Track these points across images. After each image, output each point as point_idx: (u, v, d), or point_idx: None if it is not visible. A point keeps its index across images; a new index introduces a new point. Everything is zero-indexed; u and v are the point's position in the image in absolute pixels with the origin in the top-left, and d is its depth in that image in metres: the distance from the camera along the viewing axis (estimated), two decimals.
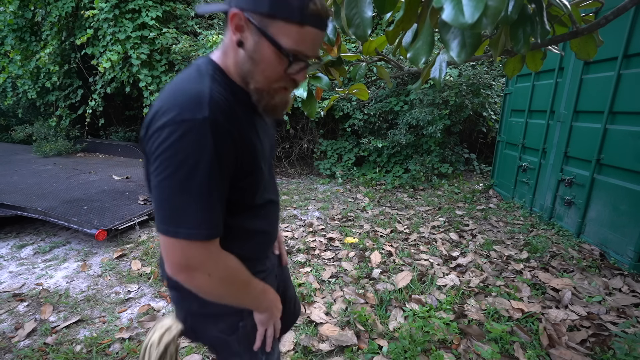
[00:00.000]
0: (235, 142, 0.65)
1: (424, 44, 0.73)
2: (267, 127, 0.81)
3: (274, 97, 0.70)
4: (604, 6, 0.87)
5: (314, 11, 0.62)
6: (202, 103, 0.61)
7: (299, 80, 0.70)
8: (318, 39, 0.66)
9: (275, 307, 0.85)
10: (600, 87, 2.81)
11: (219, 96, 0.64)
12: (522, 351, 1.75)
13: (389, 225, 3.49)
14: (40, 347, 1.83)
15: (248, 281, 0.76)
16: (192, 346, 1.84)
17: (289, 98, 0.74)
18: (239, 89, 0.70)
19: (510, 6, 0.63)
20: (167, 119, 0.60)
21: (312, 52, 0.67)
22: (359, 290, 2.33)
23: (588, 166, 2.91)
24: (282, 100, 0.72)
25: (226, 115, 0.63)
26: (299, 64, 0.67)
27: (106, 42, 4.64)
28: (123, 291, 2.36)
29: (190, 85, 0.64)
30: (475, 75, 4.79)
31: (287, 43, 0.63)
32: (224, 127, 0.62)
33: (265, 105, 0.71)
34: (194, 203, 0.61)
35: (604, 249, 2.72)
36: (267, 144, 0.79)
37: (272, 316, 0.84)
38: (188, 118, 0.60)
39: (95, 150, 5.98)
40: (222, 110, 0.63)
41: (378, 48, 1.17)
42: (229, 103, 0.66)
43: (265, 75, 0.67)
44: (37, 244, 3.08)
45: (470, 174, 5.49)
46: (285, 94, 0.72)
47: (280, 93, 0.71)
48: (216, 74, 0.68)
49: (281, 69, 0.67)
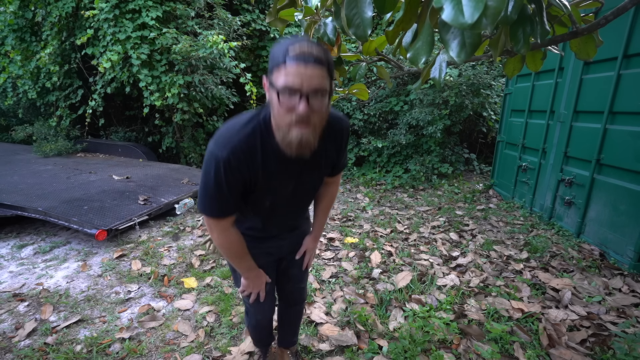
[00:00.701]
0: (242, 174, 0.95)
1: (424, 44, 0.73)
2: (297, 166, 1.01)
3: (289, 134, 0.87)
4: (603, 6, 0.87)
5: (292, 51, 0.80)
6: (227, 146, 0.92)
7: (300, 113, 0.82)
8: (300, 71, 0.80)
9: (254, 282, 1.23)
10: (600, 87, 2.81)
11: (244, 145, 0.93)
12: (522, 351, 1.75)
13: (389, 225, 3.49)
14: (41, 347, 1.83)
15: (241, 255, 1.14)
16: (193, 346, 1.85)
17: (306, 138, 0.87)
18: (274, 141, 0.94)
19: (510, 6, 0.63)
20: (209, 148, 0.95)
21: (298, 83, 0.80)
22: (359, 290, 2.33)
23: (588, 166, 2.91)
24: (297, 137, 0.86)
25: (239, 159, 0.92)
26: (289, 95, 0.82)
27: (106, 42, 4.64)
28: (123, 291, 2.36)
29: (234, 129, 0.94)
30: (475, 75, 4.79)
31: (277, 83, 0.82)
32: (234, 165, 0.93)
33: (283, 141, 0.90)
34: (207, 197, 1.00)
35: (604, 249, 2.72)
36: (283, 174, 1.02)
37: (251, 285, 1.24)
38: (215, 152, 0.93)
39: (95, 150, 5.97)
40: (238, 155, 0.92)
41: (378, 48, 1.17)
42: (252, 150, 0.94)
43: (275, 114, 0.88)
44: (37, 244, 3.08)
45: (470, 174, 5.49)
46: (298, 131, 0.85)
47: (292, 130, 0.86)
48: (262, 125, 0.95)
49: (280, 105, 0.83)
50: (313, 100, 0.83)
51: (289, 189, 1.07)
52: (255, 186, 1.00)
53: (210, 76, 4.90)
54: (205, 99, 4.94)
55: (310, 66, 0.80)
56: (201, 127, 5.57)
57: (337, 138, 1.08)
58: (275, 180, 1.01)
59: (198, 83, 4.68)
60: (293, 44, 0.81)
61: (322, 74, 0.82)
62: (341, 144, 1.10)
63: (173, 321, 2.06)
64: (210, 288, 2.39)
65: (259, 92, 5.57)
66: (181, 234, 3.32)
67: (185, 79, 4.58)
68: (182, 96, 4.66)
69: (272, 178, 1.00)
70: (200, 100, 4.88)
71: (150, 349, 1.84)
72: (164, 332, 1.97)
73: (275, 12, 1.15)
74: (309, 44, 0.82)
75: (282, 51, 0.81)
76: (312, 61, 0.80)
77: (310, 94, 0.82)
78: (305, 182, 1.09)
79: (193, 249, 2.96)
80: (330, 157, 1.10)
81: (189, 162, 5.58)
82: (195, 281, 2.45)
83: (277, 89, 0.82)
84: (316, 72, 0.81)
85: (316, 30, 1.06)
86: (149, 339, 1.91)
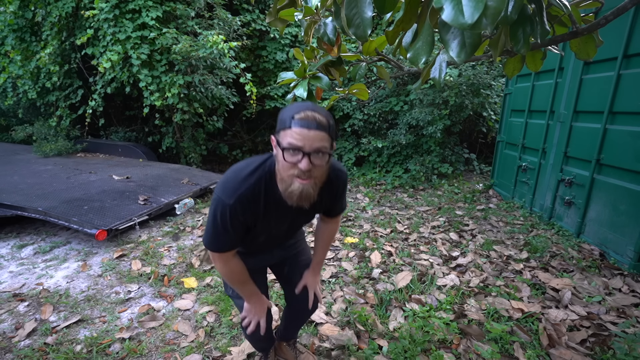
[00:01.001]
0: (245, 218, 1.07)
1: (424, 44, 0.73)
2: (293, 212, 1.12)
3: (290, 185, 0.97)
4: (603, 6, 0.87)
5: (297, 117, 0.91)
6: (234, 195, 1.03)
7: (303, 168, 0.92)
8: (304, 134, 0.91)
9: (255, 308, 1.30)
10: (600, 87, 2.81)
11: (249, 193, 1.04)
12: (522, 351, 1.75)
13: (389, 225, 3.49)
14: (41, 347, 1.83)
15: (242, 281, 1.23)
16: (193, 346, 1.85)
17: (306, 190, 0.97)
18: (277, 191, 1.05)
19: (510, 6, 0.63)
20: (216, 192, 1.06)
21: (302, 144, 0.91)
22: (359, 290, 2.33)
23: (588, 166, 2.91)
24: (298, 189, 0.96)
25: (244, 205, 1.04)
26: (293, 153, 0.92)
27: (106, 42, 4.64)
28: (123, 291, 2.36)
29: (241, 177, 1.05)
30: (475, 75, 4.79)
31: (283, 142, 0.93)
32: (239, 211, 1.04)
33: (285, 191, 1.00)
34: (213, 235, 1.10)
35: (604, 249, 2.72)
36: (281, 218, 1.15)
37: (253, 311, 1.30)
38: (222, 198, 1.04)
39: (95, 150, 5.97)
40: (243, 202, 1.03)
41: (378, 48, 1.17)
42: (256, 198, 1.05)
43: (279, 168, 0.99)
44: (37, 244, 3.08)
45: (470, 174, 5.49)
46: (299, 184, 0.95)
47: (294, 182, 0.96)
48: (266, 175, 1.06)
49: (285, 160, 0.94)
50: (314, 158, 0.93)
51: (284, 228, 1.21)
52: (254, 227, 1.12)
53: (210, 76, 4.90)
54: (205, 99, 4.94)
55: (313, 131, 0.91)
56: (201, 127, 5.57)
57: (334, 188, 1.17)
58: (273, 221, 1.14)
59: (198, 83, 4.68)
60: (299, 111, 0.92)
61: (323, 137, 0.92)
62: (337, 193, 1.20)
63: (173, 321, 2.06)
64: (210, 288, 2.39)
65: (259, 92, 5.57)
66: (181, 234, 3.32)
67: (185, 79, 4.58)
68: (182, 96, 4.66)
69: (270, 221, 1.13)
70: (200, 100, 4.88)
71: (150, 349, 1.84)
72: (164, 332, 1.97)
73: (275, 12, 1.15)
74: (312, 110, 0.92)
75: (289, 116, 0.92)
76: (314, 127, 0.91)
77: (312, 153, 0.92)
78: (298, 222, 1.25)
79: (193, 249, 2.96)
80: (325, 204, 1.21)
81: (189, 162, 5.58)
82: (195, 281, 2.45)
83: (283, 146, 0.93)
84: (318, 136, 0.91)
85: (316, 30, 1.06)
86: (149, 339, 1.91)
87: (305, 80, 1.18)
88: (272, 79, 5.70)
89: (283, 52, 5.56)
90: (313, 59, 1.27)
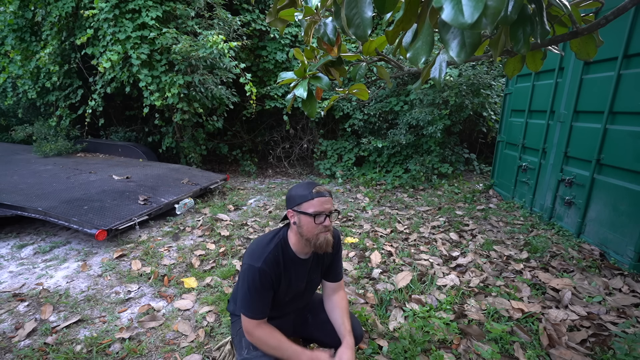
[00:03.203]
0: (272, 280, 1.30)
1: (423, 44, 0.73)
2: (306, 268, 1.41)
3: (318, 239, 1.28)
4: (604, 6, 0.87)
5: (316, 191, 1.27)
6: (261, 258, 1.29)
7: (327, 225, 1.27)
8: (322, 200, 1.27)
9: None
10: (600, 87, 2.81)
11: (271, 256, 1.30)
12: (522, 351, 1.75)
13: (389, 225, 3.49)
14: (41, 347, 1.83)
15: (277, 346, 1.29)
16: (193, 346, 1.85)
17: (329, 239, 1.29)
18: (291, 251, 1.36)
19: (510, 6, 0.62)
20: (245, 261, 1.32)
21: (323, 208, 1.26)
22: (359, 290, 2.33)
23: (588, 166, 2.91)
24: (325, 240, 1.28)
25: (271, 267, 1.29)
26: (320, 216, 1.26)
27: (106, 42, 4.64)
28: (123, 291, 2.36)
29: (263, 245, 1.34)
30: (475, 75, 4.79)
31: (309, 210, 1.26)
32: (267, 273, 1.28)
33: (314, 245, 1.29)
34: (250, 302, 1.29)
35: (604, 249, 2.72)
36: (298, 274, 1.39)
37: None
38: (252, 264, 1.28)
39: (95, 150, 5.97)
40: (269, 264, 1.29)
41: (378, 48, 1.16)
42: (277, 259, 1.31)
43: (306, 230, 1.28)
44: (37, 244, 3.08)
45: (470, 174, 5.49)
46: (325, 236, 1.28)
47: (321, 236, 1.27)
48: (282, 242, 1.35)
49: (313, 223, 1.26)
50: (331, 216, 1.29)
51: (302, 286, 1.43)
52: (279, 286, 1.34)
53: (210, 76, 4.90)
54: (205, 99, 4.94)
55: (326, 198, 1.28)
56: (201, 127, 5.57)
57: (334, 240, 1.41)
58: (293, 279, 1.37)
59: (198, 83, 4.68)
60: (313, 187, 1.27)
61: (331, 201, 1.31)
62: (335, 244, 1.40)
63: (173, 321, 2.06)
64: (210, 288, 2.39)
65: (259, 92, 5.57)
66: (181, 234, 3.32)
67: (185, 79, 4.57)
68: (182, 96, 4.66)
69: (290, 278, 1.36)
70: (200, 100, 4.88)
71: (150, 349, 1.84)
72: (164, 332, 1.97)
73: (275, 12, 1.15)
74: (319, 184, 1.30)
75: (308, 191, 1.27)
76: (327, 195, 1.29)
77: (329, 213, 1.28)
78: (312, 279, 1.47)
79: (193, 249, 2.96)
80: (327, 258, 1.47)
81: (189, 162, 5.58)
82: (195, 281, 2.45)
83: (311, 214, 1.25)
84: (330, 201, 1.29)
85: (316, 30, 1.06)
86: (149, 339, 1.91)
87: (305, 80, 1.18)
88: (272, 79, 5.70)
89: (283, 52, 5.55)
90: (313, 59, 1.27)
